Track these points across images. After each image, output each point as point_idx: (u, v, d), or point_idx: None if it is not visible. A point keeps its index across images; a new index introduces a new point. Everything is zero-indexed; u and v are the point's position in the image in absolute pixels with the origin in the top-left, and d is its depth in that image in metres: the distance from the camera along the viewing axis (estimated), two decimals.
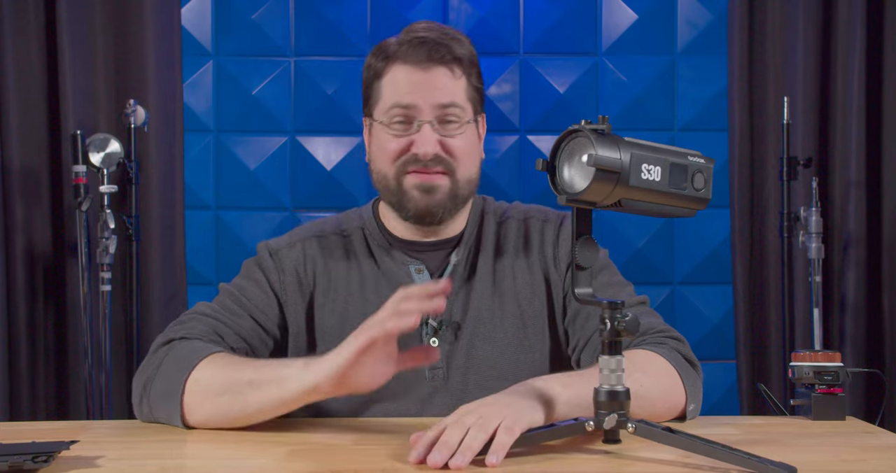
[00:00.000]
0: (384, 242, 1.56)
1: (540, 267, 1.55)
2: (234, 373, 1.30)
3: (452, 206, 1.52)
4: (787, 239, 2.88)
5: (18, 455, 1.08)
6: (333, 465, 1.12)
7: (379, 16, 3.25)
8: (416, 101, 1.48)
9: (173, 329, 1.45)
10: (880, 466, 1.14)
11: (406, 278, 1.53)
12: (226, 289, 1.54)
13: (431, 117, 1.48)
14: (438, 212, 1.51)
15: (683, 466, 1.10)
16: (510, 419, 1.13)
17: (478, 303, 1.52)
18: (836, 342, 2.99)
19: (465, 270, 1.54)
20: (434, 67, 1.48)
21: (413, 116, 1.48)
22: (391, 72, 1.50)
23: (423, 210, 1.50)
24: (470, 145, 1.52)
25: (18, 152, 2.89)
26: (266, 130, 3.24)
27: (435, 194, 1.49)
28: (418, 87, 1.48)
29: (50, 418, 2.90)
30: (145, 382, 1.37)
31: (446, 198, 1.50)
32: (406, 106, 1.48)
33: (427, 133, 1.47)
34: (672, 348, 1.40)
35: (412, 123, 1.49)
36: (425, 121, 1.48)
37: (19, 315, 2.88)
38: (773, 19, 3.08)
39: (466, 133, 1.51)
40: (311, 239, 1.58)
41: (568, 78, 3.25)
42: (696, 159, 1.16)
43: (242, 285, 1.54)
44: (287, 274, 1.54)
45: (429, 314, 1.48)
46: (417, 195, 1.49)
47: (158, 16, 3.00)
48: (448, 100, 1.49)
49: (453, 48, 1.49)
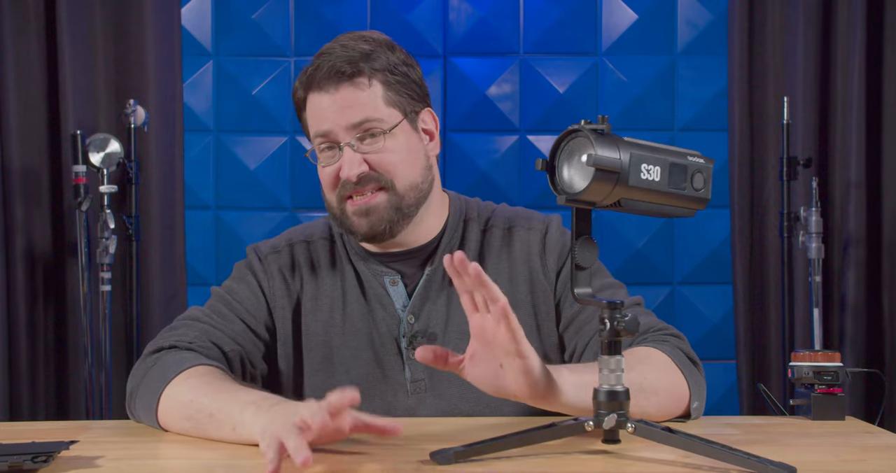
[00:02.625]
0: (361, 251, 1.55)
1: (525, 277, 1.53)
2: (201, 399, 1.29)
3: (399, 218, 1.48)
4: (787, 239, 2.88)
5: (18, 455, 1.08)
6: (333, 465, 1.12)
7: (379, 16, 3.25)
8: (330, 127, 1.46)
9: (164, 336, 1.46)
10: (880, 466, 1.14)
11: (381, 290, 1.52)
12: (217, 293, 1.54)
13: (350, 138, 1.45)
14: (384, 229, 1.47)
15: (683, 466, 1.09)
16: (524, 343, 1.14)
17: (458, 311, 1.47)
18: (836, 342, 2.99)
19: (445, 277, 1.51)
20: (340, 87, 1.45)
21: (335, 141, 1.46)
22: (309, 102, 1.49)
23: (368, 232, 1.48)
24: (402, 152, 1.47)
25: (18, 152, 2.90)
26: (266, 130, 3.24)
27: (373, 215, 1.46)
28: (329, 112, 1.46)
29: (50, 418, 2.90)
30: (132, 390, 1.40)
31: (388, 213, 1.47)
32: (324, 134, 1.47)
33: (348, 155, 1.45)
34: (674, 345, 1.40)
35: (338, 147, 1.47)
36: (344, 143, 1.46)
37: (19, 315, 2.88)
38: (772, 19, 3.08)
39: (397, 140, 1.47)
40: (300, 243, 1.57)
41: (568, 78, 3.25)
42: (696, 159, 1.16)
43: (233, 288, 1.53)
44: (275, 278, 1.53)
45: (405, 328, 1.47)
46: (356, 220, 1.47)
47: (158, 16, 3.00)
48: (360, 118, 1.45)
49: (356, 61, 1.46)
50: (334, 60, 1.46)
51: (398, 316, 1.50)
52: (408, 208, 1.48)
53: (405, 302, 1.51)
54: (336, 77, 1.45)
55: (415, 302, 1.50)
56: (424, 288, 1.51)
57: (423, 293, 1.51)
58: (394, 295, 1.51)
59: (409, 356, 1.48)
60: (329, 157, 1.48)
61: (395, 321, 1.50)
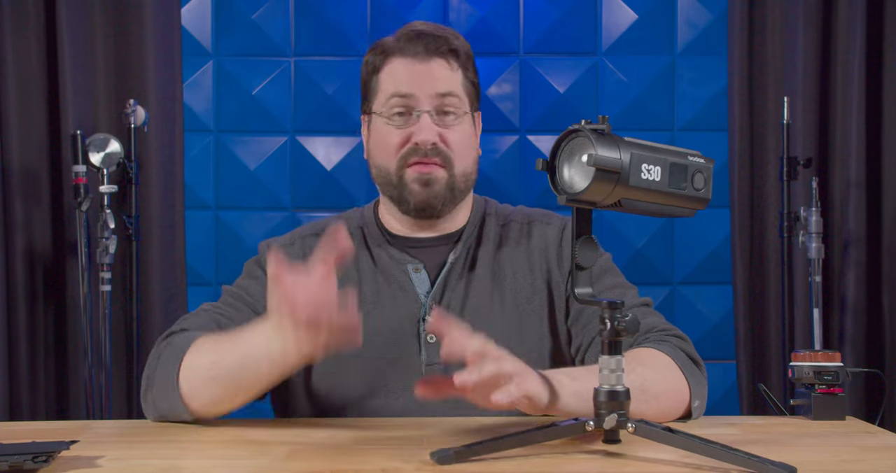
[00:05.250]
0: (382, 241, 1.57)
1: (541, 267, 1.55)
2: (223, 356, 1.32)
3: (451, 199, 1.52)
4: (787, 239, 2.88)
5: (18, 455, 1.08)
6: (333, 465, 1.12)
7: (379, 16, 3.25)
8: (414, 91, 1.49)
9: (175, 324, 1.48)
10: (880, 466, 1.14)
11: (403, 276, 1.53)
12: (227, 290, 1.56)
13: (430, 107, 1.49)
14: (437, 204, 1.51)
15: (683, 466, 1.10)
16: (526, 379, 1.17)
17: (476, 297, 1.52)
18: (836, 342, 2.99)
19: (466, 264, 1.55)
20: (431, 59, 1.50)
21: (412, 106, 1.50)
22: (390, 65, 1.52)
23: (423, 202, 1.51)
24: (466, 138, 1.53)
25: (18, 152, 2.89)
26: (266, 130, 3.25)
27: (433, 186, 1.50)
28: (416, 78, 1.50)
29: (50, 418, 2.90)
30: (149, 375, 1.40)
31: (444, 189, 1.51)
32: (405, 95, 1.50)
33: (426, 122, 1.49)
34: (675, 346, 1.41)
35: (411, 114, 1.50)
36: (424, 110, 1.49)
37: (19, 315, 2.88)
38: (772, 19, 3.08)
39: (463, 125, 1.53)
40: (310, 236, 1.58)
41: (568, 78, 3.25)
42: (696, 159, 1.16)
43: (243, 284, 1.55)
44: None
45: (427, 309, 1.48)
46: (417, 188, 1.50)
47: (158, 16, 3.00)
48: (445, 89, 1.50)
49: (450, 40, 1.52)
50: (430, 34, 1.51)
51: (420, 301, 1.51)
52: (458, 193, 1.53)
53: (428, 289, 1.53)
54: (430, 49, 1.50)
55: (437, 288, 1.52)
56: (447, 276, 1.53)
57: (444, 281, 1.53)
58: (416, 281, 1.53)
59: (427, 339, 1.49)
60: (400, 122, 1.51)
61: (416, 305, 1.51)
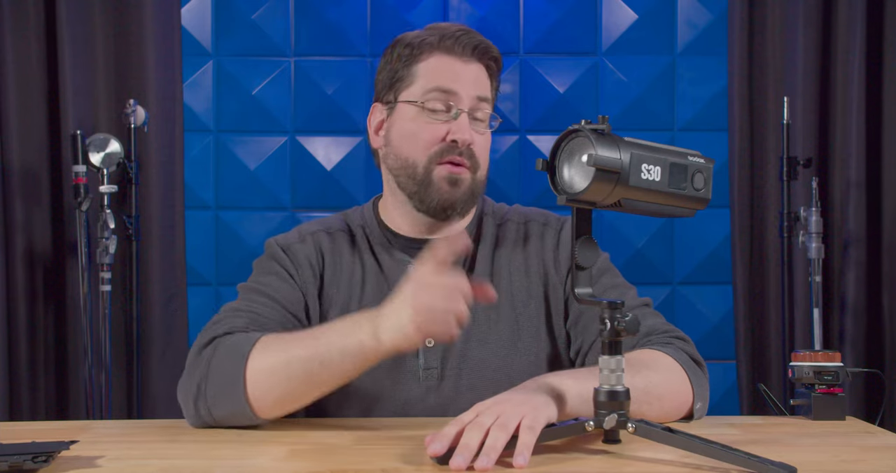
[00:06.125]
0: (384, 240, 1.56)
1: (538, 270, 1.54)
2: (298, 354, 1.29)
3: (471, 202, 1.52)
4: (787, 239, 2.88)
5: (18, 455, 1.08)
6: (333, 465, 1.12)
7: (379, 16, 3.25)
8: (457, 89, 1.49)
9: (211, 329, 1.40)
10: (880, 466, 1.14)
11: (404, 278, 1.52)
12: (247, 288, 1.50)
13: (468, 108, 1.49)
14: (459, 206, 1.50)
15: (683, 466, 1.10)
16: (530, 417, 1.13)
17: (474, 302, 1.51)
18: (836, 342, 2.99)
19: (466, 265, 1.54)
20: (474, 62, 1.51)
21: (451, 104, 1.49)
22: (433, 58, 1.50)
23: (448, 201, 1.49)
24: (488, 145, 1.55)
25: (18, 152, 2.90)
26: (266, 130, 3.24)
27: (461, 186, 1.49)
28: (462, 75, 1.49)
29: (50, 418, 2.90)
30: (199, 382, 1.33)
31: (468, 192, 1.50)
32: (447, 91, 1.49)
33: (465, 121, 1.49)
34: (678, 348, 1.41)
35: (449, 111, 1.49)
36: (464, 109, 1.49)
37: (19, 315, 2.88)
38: (772, 19, 3.08)
39: (487, 134, 1.54)
40: (320, 232, 1.57)
41: (568, 78, 3.25)
42: (696, 159, 1.16)
43: (264, 281, 1.50)
44: (303, 267, 1.52)
45: None
46: (446, 187, 1.49)
47: (158, 16, 3.00)
48: (483, 94, 1.51)
49: (492, 48, 1.53)
50: (474, 38, 1.51)
51: None
52: (476, 198, 1.54)
53: None
54: (474, 52, 1.50)
55: None
56: None
57: None
58: None
59: (426, 343, 1.48)
60: (437, 116, 1.50)
61: None
